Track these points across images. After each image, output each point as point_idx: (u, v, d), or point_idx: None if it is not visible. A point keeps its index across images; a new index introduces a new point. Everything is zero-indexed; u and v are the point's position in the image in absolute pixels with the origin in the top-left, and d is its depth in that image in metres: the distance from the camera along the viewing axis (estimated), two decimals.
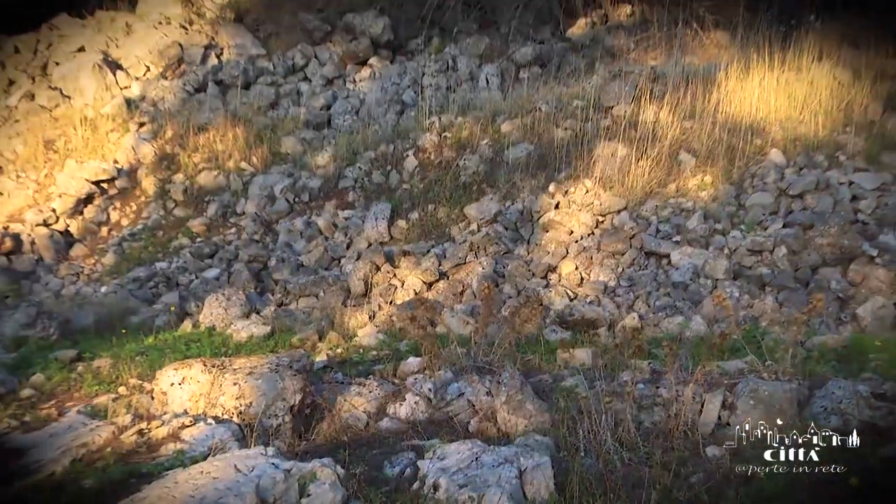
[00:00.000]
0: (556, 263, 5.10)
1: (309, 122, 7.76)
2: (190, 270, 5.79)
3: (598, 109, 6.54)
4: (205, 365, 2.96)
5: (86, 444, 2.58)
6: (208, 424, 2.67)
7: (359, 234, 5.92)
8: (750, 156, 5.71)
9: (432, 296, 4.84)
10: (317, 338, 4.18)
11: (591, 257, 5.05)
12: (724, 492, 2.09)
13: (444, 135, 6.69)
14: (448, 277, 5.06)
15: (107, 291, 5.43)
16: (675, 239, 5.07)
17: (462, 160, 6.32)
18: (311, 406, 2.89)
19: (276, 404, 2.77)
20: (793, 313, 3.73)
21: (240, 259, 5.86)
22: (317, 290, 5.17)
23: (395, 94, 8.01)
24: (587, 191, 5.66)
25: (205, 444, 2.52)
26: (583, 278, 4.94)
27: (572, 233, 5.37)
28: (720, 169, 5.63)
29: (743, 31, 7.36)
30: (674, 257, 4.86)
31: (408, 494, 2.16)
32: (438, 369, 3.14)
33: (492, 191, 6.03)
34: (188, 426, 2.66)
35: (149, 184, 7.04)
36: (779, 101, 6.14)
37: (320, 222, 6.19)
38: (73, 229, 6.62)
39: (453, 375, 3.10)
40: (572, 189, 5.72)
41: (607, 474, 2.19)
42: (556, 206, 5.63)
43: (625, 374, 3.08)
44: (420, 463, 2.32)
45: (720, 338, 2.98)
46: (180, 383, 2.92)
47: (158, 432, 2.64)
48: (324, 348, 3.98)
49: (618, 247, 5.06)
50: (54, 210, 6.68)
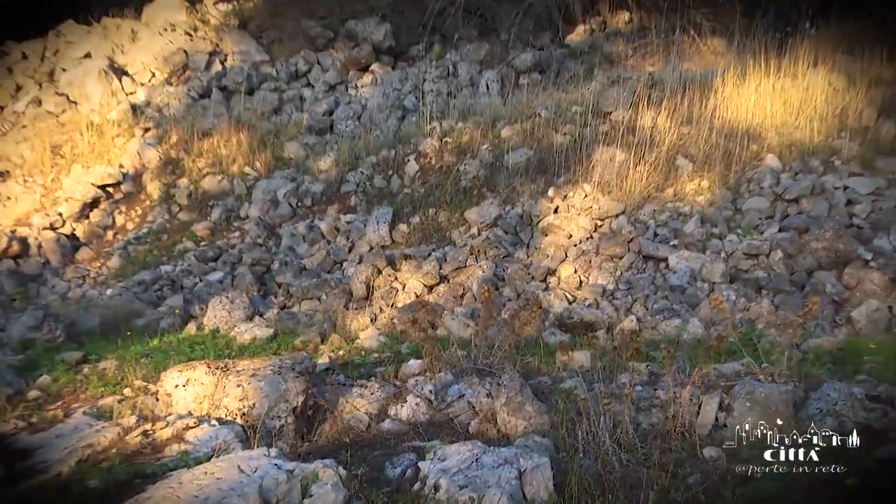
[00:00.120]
0: (555, 267, 5.12)
1: (311, 127, 7.81)
2: (194, 274, 5.82)
3: (597, 115, 6.56)
4: (209, 367, 2.96)
5: (91, 444, 2.59)
6: (212, 426, 2.68)
7: (361, 237, 5.95)
8: (746, 161, 5.73)
9: (433, 299, 4.86)
10: (319, 340, 4.20)
11: (590, 261, 5.08)
12: (721, 492, 2.10)
13: (444, 140, 6.71)
14: (449, 281, 5.09)
15: (112, 294, 5.46)
16: (672, 243, 5.09)
17: (462, 165, 6.35)
18: (313, 408, 2.90)
19: (279, 406, 2.77)
20: (788, 316, 3.76)
21: (243, 262, 5.90)
22: (319, 293, 5.20)
23: (397, 100, 8.07)
24: (586, 195, 5.69)
25: (208, 445, 2.53)
26: (581, 282, 4.97)
27: (571, 237, 5.40)
28: (717, 174, 5.65)
29: (739, 37, 7.39)
30: (671, 261, 4.88)
31: (409, 495, 2.17)
32: (439, 371, 3.16)
33: (492, 195, 6.06)
34: (192, 427, 2.67)
35: (154, 188, 7.10)
36: (775, 106, 6.17)
37: (323, 226, 6.22)
38: (80, 233, 6.69)
39: (454, 377, 3.12)
40: (571, 193, 5.75)
41: (606, 475, 2.20)
42: (556, 211, 5.65)
43: (623, 376, 3.10)
44: (421, 464, 2.33)
45: (717, 340, 2.98)
46: (184, 385, 2.92)
47: (163, 433, 2.65)
48: (326, 350, 4.00)
49: (616, 250, 5.09)
50: (61, 214, 6.74)
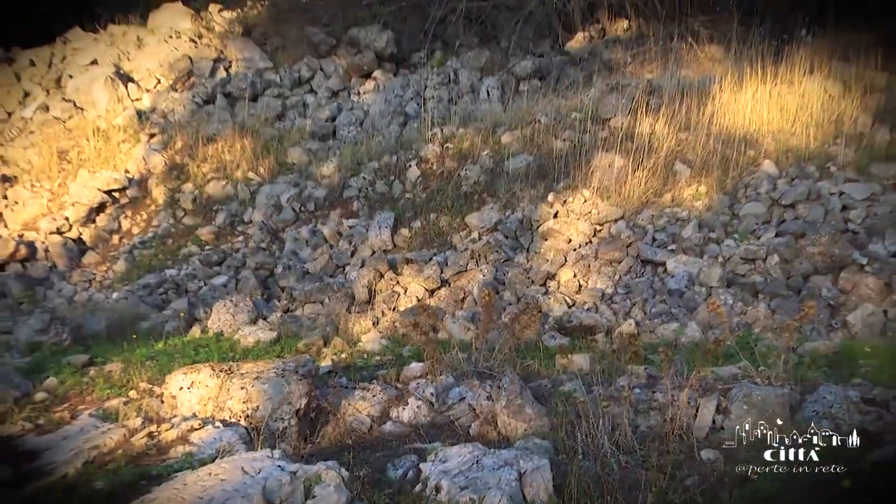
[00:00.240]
0: (554, 271, 5.15)
1: (314, 133, 7.86)
2: (199, 277, 5.85)
3: (596, 121, 6.59)
4: (213, 369, 2.98)
5: (97, 446, 2.62)
6: (216, 428, 2.70)
7: (363, 242, 5.97)
8: (743, 167, 5.76)
9: (434, 302, 4.89)
10: (322, 343, 4.23)
11: (589, 265, 5.11)
12: (719, 494, 2.10)
13: (445, 146, 6.74)
14: (450, 284, 5.11)
15: (118, 298, 5.49)
16: (670, 247, 5.11)
17: (463, 170, 6.38)
18: (316, 410, 2.92)
19: (282, 408, 2.79)
20: (785, 320, 3.76)
21: (247, 266, 5.92)
22: (322, 297, 5.23)
23: (399, 106, 8.13)
24: (585, 200, 5.72)
25: (213, 446, 2.56)
26: (581, 286, 5.00)
27: (570, 241, 5.42)
28: (714, 179, 5.68)
29: (736, 45, 7.44)
30: (669, 265, 4.91)
31: (410, 496, 2.19)
32: (440, 374, 3.18)
33: (492, 200, 6.09)
34: (197, 429, 2.70)
35: (159, 193, 7.14)
36: (771, 113, 6.20)
37: (325, 231, 6.26)
38: (86, 237, 6.72)
39: (455, 380, 3.14)
40: (571, 199, 5.78)
41: (605, 477, 2.21)
42: (555, 216, 5.69)
43: (622, 379, 3.11)
44: (422, 465, 2.34)
45: (714, 344, 2.98)
46: (189, 387, 2.95)
47: (168, 435, 2.68)
48: (329, 353, 4.02)
49: (615, 255, 5.12)
50: (67, 218, 6.78)
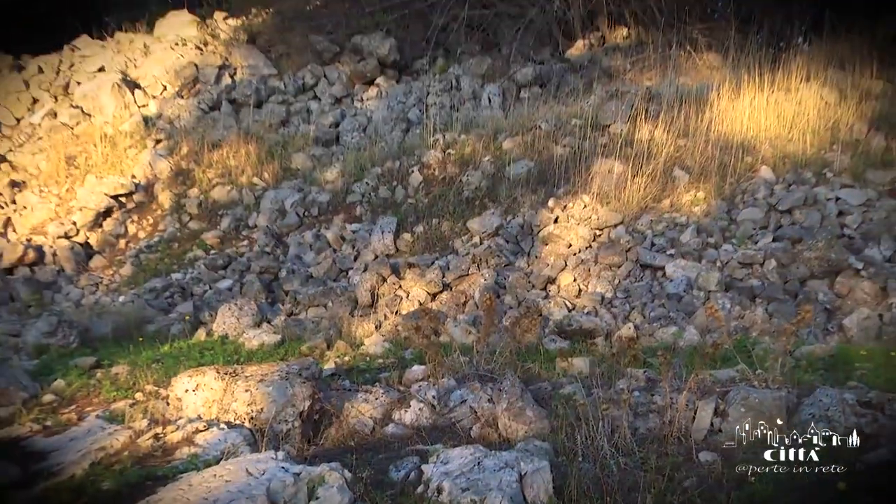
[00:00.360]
0: (555, 275, 5.17)
1: (318, 139, 7.92)
2: (204, 281, 5.89)
3: (596, 128, 6.63)
4: (218, 372, 3.00)
5: (104, 447, 2.63)
6: (221, 429, 2.72)
7: (366, 246, 6.00)
8: (741, 173, 5.78)
9: (436, 306, 4.90)
10: (325, 346, 4.25)
11: (589, 270, 5.13)
12: (717, 496, 2.10)
13: (447, 152, 6.78)
14: (451, 288, 5.13)
15: (124, 301, 5.51)
16: (669, 252, 5.12)
17: (465, 176, 6.41)
18: (319, 412, 2.93)
19: (286, 410, 2.80)
20: (782, 324, 3.80)
21: (252, 270, 5.96)
22: (325, 301, 5.26)
23: (401, 113, 8.20)
24: (585, 206, 5.75)
25: (218, 448, 2.57)
26: (581, 290, 5.02)
27: (571, 246, 5.45)
28: (712, 185, 5.70)
29: (734, 53, 7.46)
30: (668, 270, 4.92)
31: (412, 497, 2.19)
32: (442, 377, 3.18)
33: (493, 205, 6.12)
34: (202, 431, 2.72)
35: (165, 198, 7.20)
36: (769, 120, 6.24)
37: (329, 235, 6.30)
38: (93, 241, 6.78)
39: (456, 383, 3.14)
40: (571, 204, 5.81)
41: (604, 479, 2.21)
42: (556, 221, 5.71)
43: (621, 382, 3.10)
44: (424, 467, 2.35)
45: (712, 347, 2.98)
46: (194, 390, 2.97)
47: (173, 437, 2.70)
48: (332, 356, 4.04)
49: (614, 259, 5.14)
50: (75, 223, 6.85)
